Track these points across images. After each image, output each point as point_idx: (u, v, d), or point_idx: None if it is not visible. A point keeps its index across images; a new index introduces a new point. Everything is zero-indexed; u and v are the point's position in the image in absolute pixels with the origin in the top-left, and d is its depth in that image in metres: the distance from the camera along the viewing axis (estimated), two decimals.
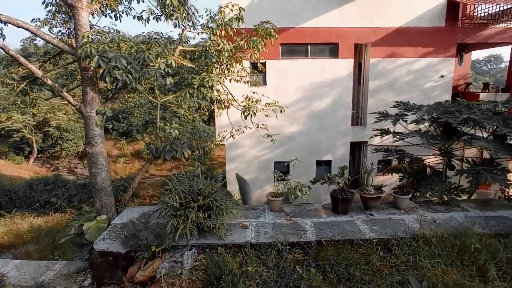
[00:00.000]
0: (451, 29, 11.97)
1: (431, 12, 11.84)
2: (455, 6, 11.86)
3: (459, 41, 12.15)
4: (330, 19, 11.65)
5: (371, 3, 11.61)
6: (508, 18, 12.03)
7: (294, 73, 11.92)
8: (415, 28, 11.82)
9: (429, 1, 11.77)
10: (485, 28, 12.21)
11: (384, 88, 12.18)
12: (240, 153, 12.38)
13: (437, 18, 11.88)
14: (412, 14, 11.76)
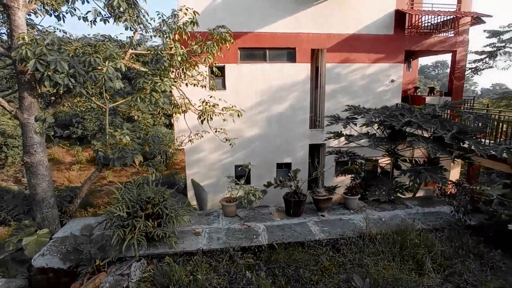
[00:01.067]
0: (399, 37, 12.79)
1: (381, 20, 12.57)
2: (402, 16, 12.70)
3: (407, 48, 13.01)
4: (287, 25, 11.93)
5: (326, 11, 12.08)
6: (448, 29, 13.12)
7: (253, 76, 12.04)
8: (367, 35, 12.48)
9: (379, 11, 12.49)
10: (429, 37, 13.19)
11: (340, 91, 12.69)
12: (200, 157, 12.24)
13: (386, 26, 12.64)
14: (363, 22, 12.40)
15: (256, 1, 11.67)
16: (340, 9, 12.19)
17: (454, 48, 13.44)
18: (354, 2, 12.27)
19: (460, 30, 13.30)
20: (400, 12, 12.51)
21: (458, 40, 13.35)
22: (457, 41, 13.35)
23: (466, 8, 13.29)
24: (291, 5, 11.87)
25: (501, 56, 14.74)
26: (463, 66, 13.98)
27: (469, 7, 13.38)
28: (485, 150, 5.67)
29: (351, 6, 12.25)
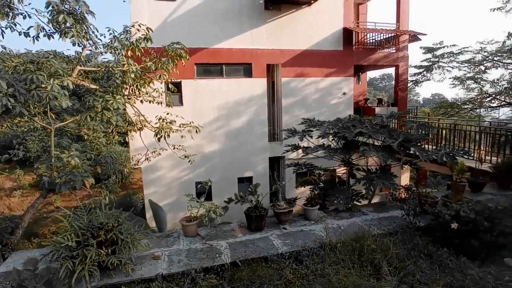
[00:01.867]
0: (348, 52, 13.67)
1: (331, 37, 13.36)
2: (349, 34, 13.61)
3: (356, 63, 13.93)
4: (243, 41, 12.20)
5: (279, 28, 12.58)
6: (390, 45, 14.31)
7: (211, 92, 12.05)
8: (319, 51, 13.17)
9: (328, 28, 13.28)
10: (374, 52, 14.27)
11: (296, 104, 13.13)
12: (159, 175, 11.82)
13: (336, 43, 13.45)
14: (315, 38, 13.10)
15: (212, 18, 11.81)
16: (293, 26, 12.77)
17: (397, 62, 14.65)
18: (305, 21, 12.93)
19: (400, 47, 14.56)
20: (348, 30, 13.41)
21: (399, 56, 14.58)
22: (399, 56, 14.57)
23: (404, 27, 14.62)
24: (246, 22, 12.18)
25: (436, 70, 16.39)
26: (406, 79, 15.25)
27: (407, 26, 14.73)
28: (428, 156, 6.18)
29: (302, 24, 12.89)
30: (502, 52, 15.73)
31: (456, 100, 19.37)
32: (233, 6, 12.01)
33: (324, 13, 13.19)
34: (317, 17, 13.11)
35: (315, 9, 13.02)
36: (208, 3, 11.73)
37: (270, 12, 12.44)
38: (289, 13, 12.74)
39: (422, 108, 33.60)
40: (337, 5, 13.40)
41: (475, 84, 17.44)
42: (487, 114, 19.71)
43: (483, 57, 16.55)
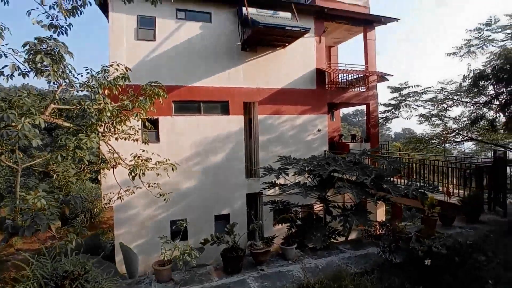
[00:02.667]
0: (322, 91, 14.37)
1: (305, 77, 14.07)
2: (322, 74, 14.41)
3: (329, 101, 14.61)
4: (220, 80, 12.58)
5: (255, 68, 13.15)
6: (360, 84, 15.23)
7: (188, 129, 12.11)
8: (294, 90, 13.76)
9: (302, 68, 14.02)
10: (346, 91, 15.09)
11: (273, 141, 13.40)
12: (131, 215, 11.37)
13: (310, 82, 14.16)
14: (290, 78, 13.74)
15: (191, 57, 12.20)
16: (269, 66, 13.38)
17: (367, 101, 15.50)
18: (280, 61, 13.63)
19: (369, 86, 15.50)
20: (320, 70, 14.21)
21: (369, 94, 15.48)
22: (369, 95, 15.46)
23: (372, 68, 15.67)
24: (224, 62, 12.66)
25: (403, 108, 17.50)
26: (376, 116, 16.08)
27: (374, 67, 15.81)
28: (399, 192, 6.42)
29: (278, 64, 13.56)
30: (460, 92, 17.10)
31: (423, 135, 20.49)
32: (212, 47, 12.52)
33: (298, 54, 14.00)
34: (292, 58, 13.88)
35: (289, 51, 13.80)
36: (188, 44, 12.18)
37: (247, 53, 13.05)
38: (265, 54, 13.41)
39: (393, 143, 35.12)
40: (309, 48, 14.29)
41: (439, 121, 18.64)
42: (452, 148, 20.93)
43: (445, 96, 17.89)
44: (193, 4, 12.33)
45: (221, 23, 12.72)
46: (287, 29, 11.71)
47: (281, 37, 12.61)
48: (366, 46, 15.77)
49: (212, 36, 12.56)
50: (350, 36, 17.70)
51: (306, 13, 14.12)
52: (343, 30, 16.42)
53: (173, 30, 12.05)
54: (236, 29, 12.85)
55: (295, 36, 12.54)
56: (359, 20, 15.39)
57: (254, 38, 12.42)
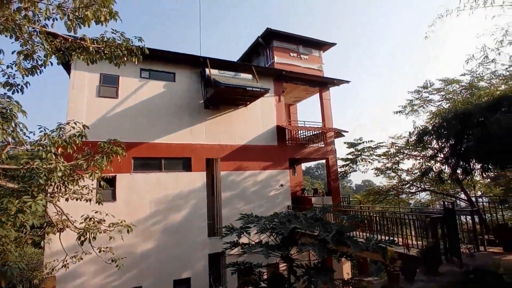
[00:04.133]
0: (283, 147, 14.92)
1: (267, 133, 14.64)
2: (282, 130, 15.11)
3: (290, 156, 15.13)
4: (183, 137, 12.67)
5: (218, 125, 13.52)
6: (319, 140, 16.09)
7: (148, 186, 11.72)
8: (256, 146, 14.16)
9: (263, 125, 14.65)
10: (306, 147, 15.80)
11: (235, 197, 13.28)
12: (78, 285, 10.19)
13: (271, 138, 14.71)
14: (251, 134, 14.21)
15: (153, 114, 12.31)
16: (231, 124, 13.83)
17: (326, 156, 16.26)
18: (242, 119, 14.19)
19: (328, 142, 16.41)
20: (280, 127, 14.92)
21: (328, 150, 16.31)
22: (327, 150, 16.28)
23: (329, 125, 16.77)
24: (187, 119, 12.91)
25: (360, 162, 18.54)
26: (336, 170, 16.77)
27: (331, 124, 16.93)
28: (360, 247, 6.50)
29: (240, 122, 14.08)
30: (409, 146, 18.64)
31: (381, 187, 21.51)
32: (175, 105, 12.80)
33: (259, 112, 14.73)
34: (253, 116, 14.53)
35: (251, 109, 14.50)
36: (151, 101, 12.36)
37: (210, 111, 13.48)
38: (227, 112, 13.93)
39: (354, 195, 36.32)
40: (270, 106, 15.14)
41: (394, 173, 19.83)
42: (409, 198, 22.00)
43: (396, 150, 19.34)
44: (158, 65, 12.84)
45: (184, 82, 13.23)
46: (248, 89, 12.45)
47: (243, 97, 13.31)
48: (322, 104, 17.05)
49: (175, 95, 12.93)
50: (308, 95, 19.12)
51: (266, 74, 15.22)
52: (301, 90, 17.78)
53: (137, 88, 12.27)
54: (200, 88, 13.39)
55: (255, 95, 13.30)
56: (314, 82, 16.83)
57: (217, 97, 12.98)
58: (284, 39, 16.79)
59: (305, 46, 17.54)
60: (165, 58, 12.79)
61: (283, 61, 16.41)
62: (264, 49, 17.29)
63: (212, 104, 13.51)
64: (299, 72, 16.14)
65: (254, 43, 17.38)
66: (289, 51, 17.06)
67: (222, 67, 13.54)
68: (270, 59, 16.60)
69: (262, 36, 16.56)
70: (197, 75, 13.54)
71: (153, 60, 12.53)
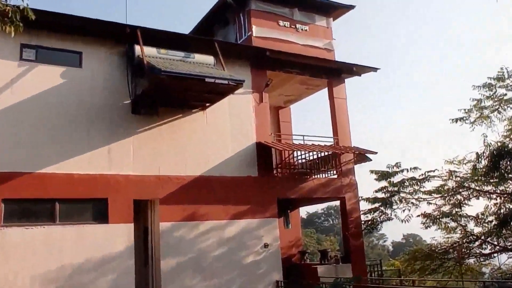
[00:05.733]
0: (267, 180, 15.05)
1: (240, 156, 14.72)
2: (267, 151, 15.26)
3: (280, 195, 15.24)
4: (93, 162, 12.49)
5: (156, 141, 13.49)
6: (329, 168, 16.35)
7: (31, 250, 11.40)
8: (221, 178, 14.20)
9: (235, 142, 14.77)
10: (307, 179, 16.00)
11: (187, 268, 13.15)
12: None
13: (247, 165, 14.81)
14: (214, 158, 14.25)
15: (41, 123, 12.13)
16: (179, 140, 13.87)
17: (341, 194, 16.51)
18: (199, 132, 14.29)
19: (343, 170, 16.70)
20: (263, 145, 15.06)
21: (344, 183, 16.59)
22: (343, 184, 16.56)
23: (345, 141, 17.06)
24: (101, 131, 12.80)
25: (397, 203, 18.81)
26: (358, 218, 17.02)
27: (348, 140, 17.24)
28: None
29: (194, 137, 14.17)
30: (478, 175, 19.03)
31: (434, 247, 21.72)
32: (81, 107, 12.57)
33: (227, 120, 14.84)
34: (216, 126, 14.60)
35: (212, 114, 14.61)
36: (37, 99, 12.04)
37: (141, 117, 13.39)
38: (172, 120, 13.91)
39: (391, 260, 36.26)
40: (245, 110, 15.32)
41: (454, 222, 20.17)
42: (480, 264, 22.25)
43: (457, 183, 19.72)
44: (52, 39, 12.75)
45: (98, 68, 13.18)
46: (207, 81, 12.54)
47: (199, 93, 13.42)
48: (334, 107, 17.43)
49: (81, 89, 12.81)
50: (308, 91, 19.51)
51: (238, 56, 15.49)
52: (297, 83, 18.13)
53: (14, 78, 12.09)
54: (125, 79, 13.38)
55: (221, 91, 13.43)
56: (319, 69, 17.25)
57: (154, 94, 13.01)
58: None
59: (304, 10, 18.04)
60: (64, 26, 12.75)
61: (267, 35, 16.76)
62: (235, 13, 17.61)
63: (145, 106, 13.48)
64: (293, 53, 16.48)
65: (218, 3, 17.64)
66: (278, 17, 17.47)
67: (163, 44, 13.61)
68: (245, 30, 16.91)
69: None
70: (120, 56, 13.56)
71: (42, 31, 12.45)
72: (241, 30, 17.22)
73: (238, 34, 17.42)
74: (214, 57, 14.31)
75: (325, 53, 17.95)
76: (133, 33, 13.16)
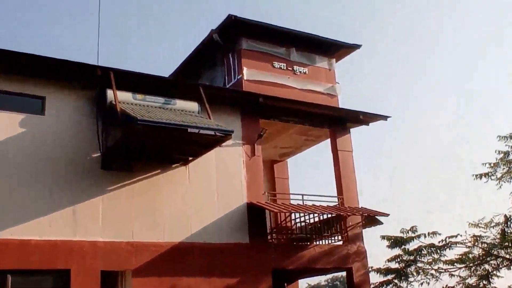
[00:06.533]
0: (260, 247, 14.83)
1: (228, 219, 14.57)
2: (259, 214, 15.11)
3: (275, 266, 14.96)
4: (54, 226, 12.28)
5: (130, 202, 13.33)
6: (331, 234, 16.16)
7: None
8: (206, 245, 13.97)
9: (222, 203, 14.62)
10: (308, 246, 15.77)
11: None
12: None
13: (237, 229, 14.64)
14: (197, 221, 14.08)
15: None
16: (155, 200, 13.74)
17: (348, 263, 16.27)
18: (179, 190, 14.20)
19: (350, 236, 16.52)
20: (255, 206, 14.91)
21: (351, 251, 16.37)
22: (350, 252, 16.33)
23: (351, 200, 16.94)
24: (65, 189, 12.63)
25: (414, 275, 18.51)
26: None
27: (355, 199, 17.14)
28: None
29: (174, 196, 14.06)
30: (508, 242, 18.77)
31: None
32: (42, 161, 12.44)
33: (213, 178, 14.75)
34: (201, 185, 14.49)
35: (196, 171, 14.53)
36: None
37: (112, 174, 13.25)
38: (149, 177, 13.80)
39: None
40: (235, 165, 15.28)
41: None
42: None
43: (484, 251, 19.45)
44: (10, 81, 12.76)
45: (63, 116, 13.14)
46: (190, 131, 12.53)
47: (181, 146, 13.41)
48: (338, 160, 17.42)
49: (43, 140, 12.74)
50: (308, 143, 19.59)
51: (226, 103, 15.57)
52: (295, 133, 18.21)
53: None
54: (94, 128, 13.33)
55: (206, 144, 13.42)
56: (321, 117, 17.37)
57: (128, 147, 12.99)
58: (261, 36, 17.55)
59: (303, 50, 18.33)
60: (25, 68, 12.82)
61: (260, 78, 16.96)
62: (223, 53, 17.89)
63: (118, 160, 13.42)
64: (291, 99, 16.60)
65: (204, 42, 17.91)
66: (273, 58, 17.71)
67: (140, 88, 13.67)
68: (235, 73, 17.10)
69: (221, 29, 17.19)
70: (89, 102, 13.57)
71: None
72: (231, 72, 17.39)
73: (227, 77, 17.58)
74: (199, 104, 14.39)
75: (327, 99, 18.11)
76: (105, 76, 13.22)
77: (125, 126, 12.20)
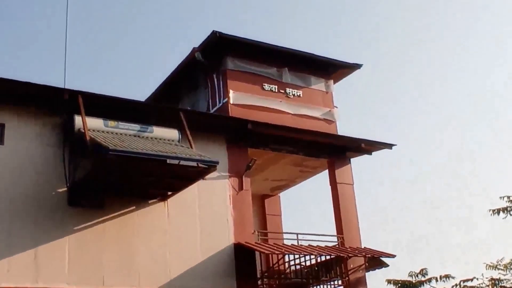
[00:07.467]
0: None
1: (212, 262, 14.55)
2: (248, 255, 15.11)
3: None
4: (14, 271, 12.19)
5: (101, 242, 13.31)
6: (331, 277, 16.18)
7: None
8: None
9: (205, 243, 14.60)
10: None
11: None
12: None
13: (223, 273, 14.62)
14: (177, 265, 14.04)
15: None
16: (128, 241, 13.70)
17: None
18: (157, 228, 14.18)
19: (351, 280, 16.57)
20: (244, 247, 14.93)
21: None
22: None
23: (352, 240, 16.99)
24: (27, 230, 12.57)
25: None
26: None
27: (357, 239, 17.19)
28: None
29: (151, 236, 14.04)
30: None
31: None
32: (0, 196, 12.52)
33: (196, 215, 14.74)
34: (182, 223, 14.50)
35: (176, 207, 14.55)
36: None
37: (81, 211, 13.18)
38: (122, 214, 13.77)
39: None
40: (220, 200, 15.32)
41: None
42: None
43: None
44: None
45: (25, 146, 13.13)
46: (169, 162, 12.62)
47: (159, 179, 13.44)
48: (337, 196, 17.45)
49: (2, 173, 12.75)
50: (303, 175, 19.65)
51: (210, 130, 15.67)
52: (288, 164, 18.27)
53: None
54: (60, 159, 13.35)
55: (187, 176, 13.47)
56: (317, 146, 17.47)
57: (99, 180, 13.01)
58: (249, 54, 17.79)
59: (296, 70, 18.49)
60: None
61: (249, 102, 17.07)
62: (207, 74, 18.01)
63: (87, 195, 13.42)
64: (283, 126, 16.76)
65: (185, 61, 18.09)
66: (262, 79, 17.82)
67: (112, 113, 13.73)
68: (220, 96, 17.22)
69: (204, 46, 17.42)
70: (55, 130, 13.60)
71: None
72: (215, 95, 17.48)
73: (211, 100, 17.67)
74: (179, 131, 14.45)
75: (325, 125, 18.20)
76: (73, 100, 13.21)
77: (95, 156, 12.20)
